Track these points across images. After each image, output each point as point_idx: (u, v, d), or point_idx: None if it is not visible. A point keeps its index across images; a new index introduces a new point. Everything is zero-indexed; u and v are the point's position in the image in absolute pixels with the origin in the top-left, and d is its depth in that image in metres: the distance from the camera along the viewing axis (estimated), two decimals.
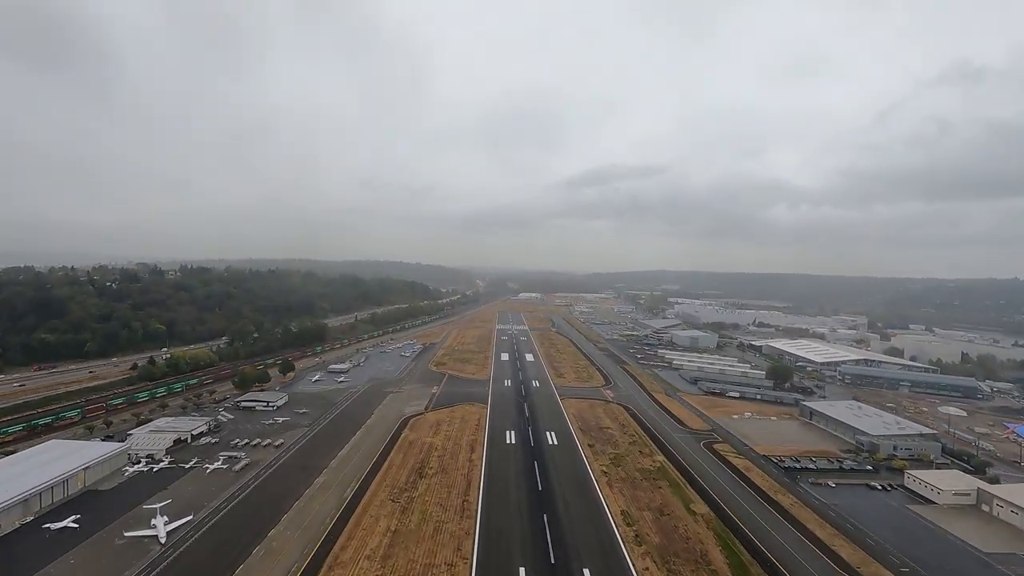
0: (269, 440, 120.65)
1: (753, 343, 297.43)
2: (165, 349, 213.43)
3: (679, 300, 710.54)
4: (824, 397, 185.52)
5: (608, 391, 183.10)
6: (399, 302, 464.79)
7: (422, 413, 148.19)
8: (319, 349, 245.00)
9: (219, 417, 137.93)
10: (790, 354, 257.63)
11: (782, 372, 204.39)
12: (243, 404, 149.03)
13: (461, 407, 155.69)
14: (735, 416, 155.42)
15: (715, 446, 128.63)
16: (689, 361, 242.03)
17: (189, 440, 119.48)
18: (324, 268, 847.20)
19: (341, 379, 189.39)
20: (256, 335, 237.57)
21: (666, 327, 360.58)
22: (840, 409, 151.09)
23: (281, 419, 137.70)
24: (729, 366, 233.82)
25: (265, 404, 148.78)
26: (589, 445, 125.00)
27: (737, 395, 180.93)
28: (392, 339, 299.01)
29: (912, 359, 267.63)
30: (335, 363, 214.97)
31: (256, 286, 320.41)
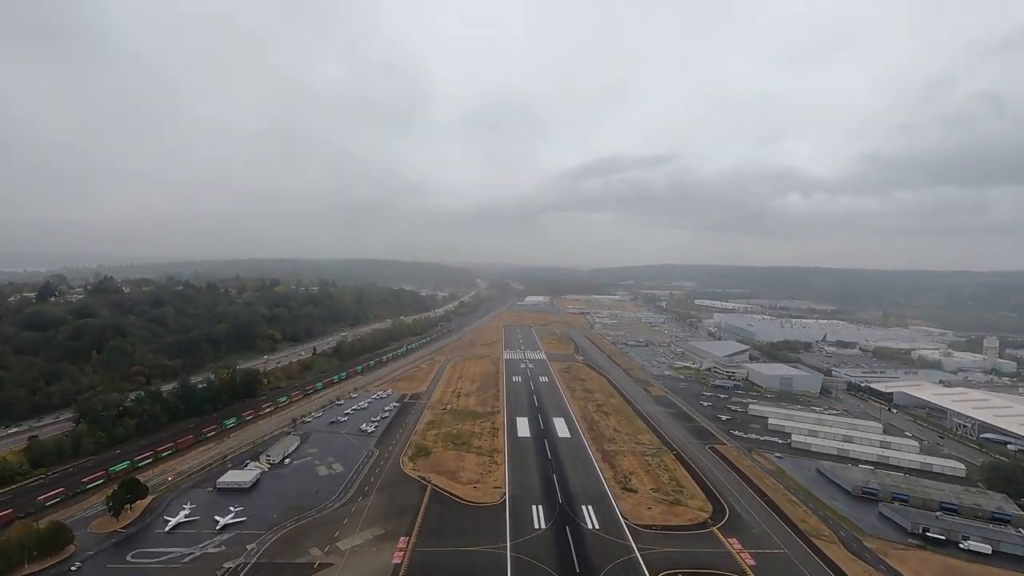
0: None
1: (873, 386, 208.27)
2: None
3: (708, 303, 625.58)
4: None
5: (733, 540, 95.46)
6: (383, 317, 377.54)
7: None
8: (231, 423, 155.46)
9: None
10: (962, 415, 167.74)
11: (1018, 477, 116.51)
12: None
13: None
14: None
15: None
16: (811, 431, 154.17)
17: None
18: (313, 268, 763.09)
19: (228, 518, 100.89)
20: (127, 404, 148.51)
21: (731, 355, 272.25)
22: None
23: None
24: (881, 443, 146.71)
25: None
26: None
27: (989, 550, 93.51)
28: (357, 387, 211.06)
29: None
30: (239, 466, 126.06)
31: (171, 312, 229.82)
